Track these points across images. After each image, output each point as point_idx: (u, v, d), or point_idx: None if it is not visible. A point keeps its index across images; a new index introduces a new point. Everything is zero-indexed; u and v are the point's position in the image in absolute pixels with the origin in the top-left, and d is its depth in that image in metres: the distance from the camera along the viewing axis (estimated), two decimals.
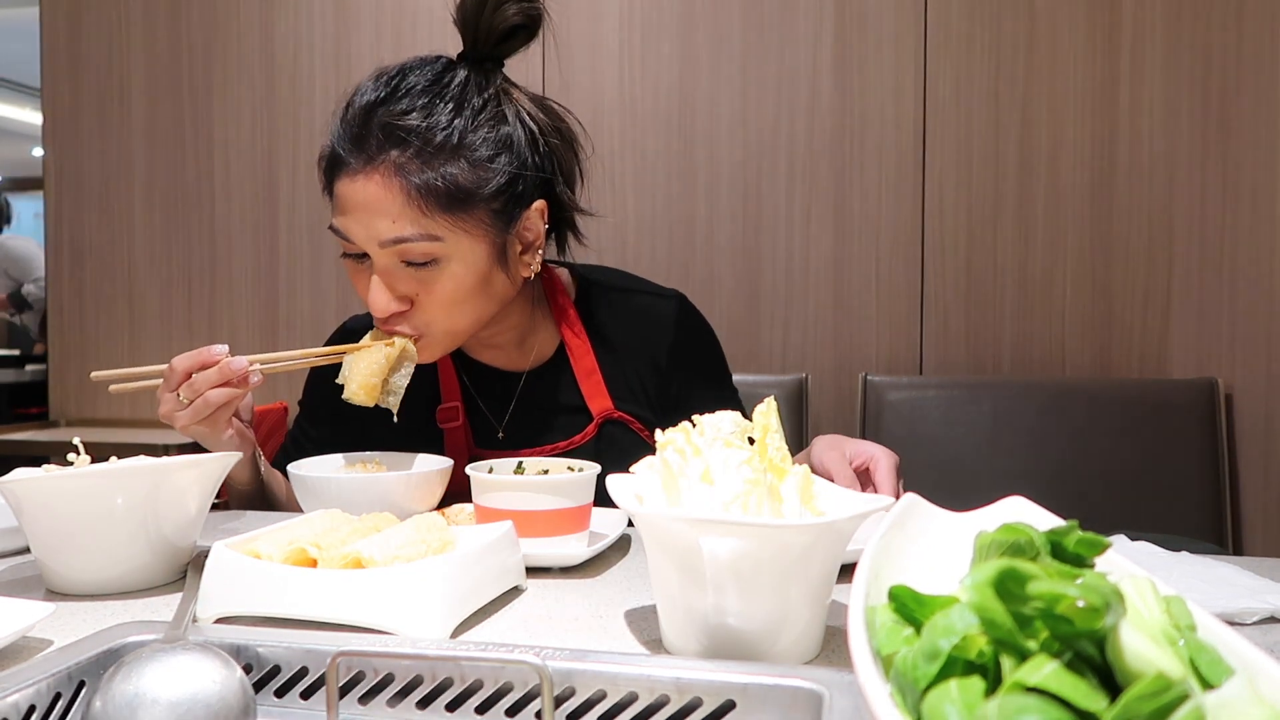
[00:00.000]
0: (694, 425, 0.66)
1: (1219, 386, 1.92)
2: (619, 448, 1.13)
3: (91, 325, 2.54)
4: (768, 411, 0.66)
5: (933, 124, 2.09)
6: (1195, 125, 1.98)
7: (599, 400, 1.14)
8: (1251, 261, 1.97)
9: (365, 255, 1.02)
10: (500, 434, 1.16)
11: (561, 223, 1.13)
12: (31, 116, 7.23)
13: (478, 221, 1.01)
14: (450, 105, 1.01)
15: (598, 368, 1.15)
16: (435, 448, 1.12)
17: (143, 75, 2.48)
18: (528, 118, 1.06)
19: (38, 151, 3.04)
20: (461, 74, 1.04)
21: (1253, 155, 1.96)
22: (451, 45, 1.13)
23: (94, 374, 1.04)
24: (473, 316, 1.05)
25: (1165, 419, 1.89)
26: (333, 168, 1.02)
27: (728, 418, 0.66)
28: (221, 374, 0.97)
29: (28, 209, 10.01)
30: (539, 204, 1.06)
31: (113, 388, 1.03)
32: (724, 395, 1.23)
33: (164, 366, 1.01)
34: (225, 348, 0.99)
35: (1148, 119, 2.00)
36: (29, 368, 4.36)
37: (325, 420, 1.23)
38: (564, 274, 1.22)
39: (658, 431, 0.66)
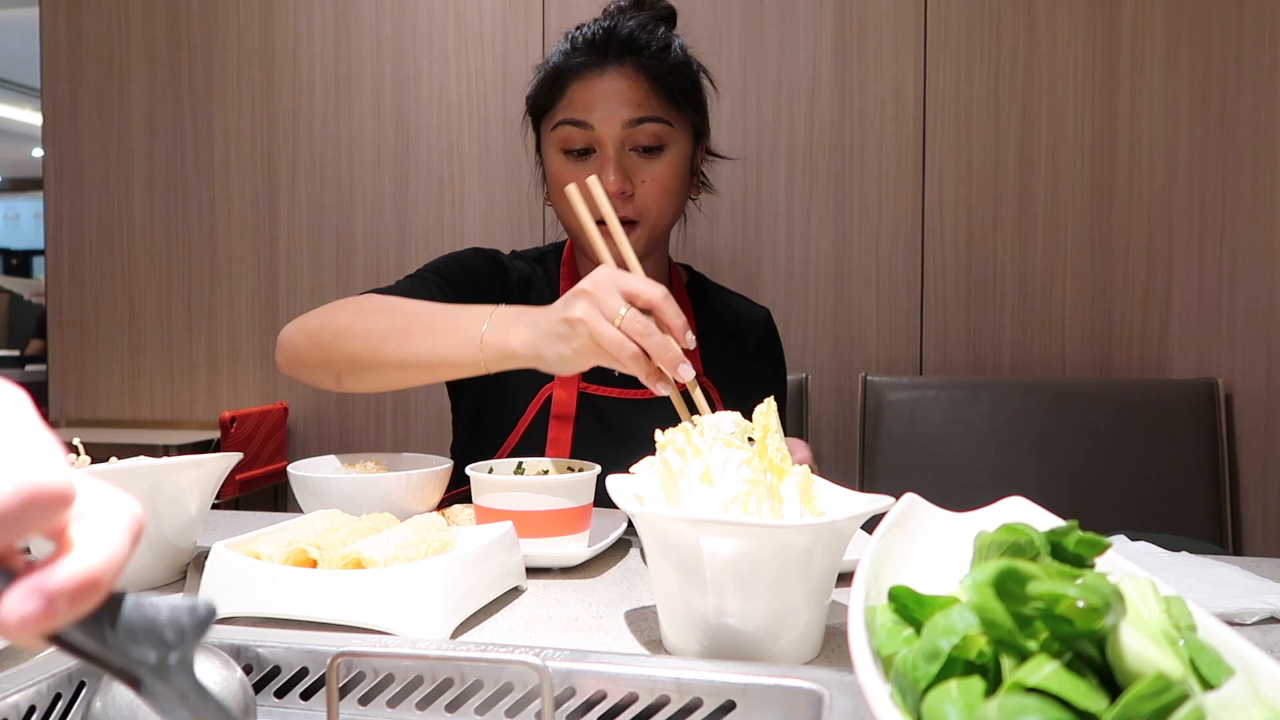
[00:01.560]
0: (694, 426, 0.66)
1: (1219, 386, 1.92)
2: (704, 402, 1.21)
3: (91, 325, 2.54)
4: (768, 412, 0.66)
5: (933, 124, 2.09)
6: (1195, 125, 1.98)
7: (694, 362, 1.27)
8: (1251, 261, 1.97)
9: (586, 152, 1.18)
10: (617, 373, 1.26)
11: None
12: (31, 117, 7.23)
13: (689, 121, 1.22)
14: (662, 33, 1.22)
15: (696, 341, 1.26)
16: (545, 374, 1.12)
17: (143, 75, 2.48)
18: (705, 70, 1.28)
19: (38, 152, 3.04)
20: (663, 26, 1.24)
21: (1253, 155, 1.96)
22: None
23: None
24: (670, 215, 1.22)
25: (1165, 419, 1.89)
26: (564, 78, 1.19)
27: (728, 418, 0.66)
28: (671, 358, 0.83)
29: (28, 209, 10.02)
30: (706, 139, 1.29)
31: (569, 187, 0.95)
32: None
33: (630, 262, 0.91)
34: (693, 341, 0.86)
35: (1148, 119, 2.00)
36: (29, 368, 4.36)
37: (457, 287, 1.21)
38: (680, 267, 1.41)
39: (658, 432, 0.66)
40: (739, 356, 1.35)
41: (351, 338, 1.00)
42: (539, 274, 1.31)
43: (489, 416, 1.27)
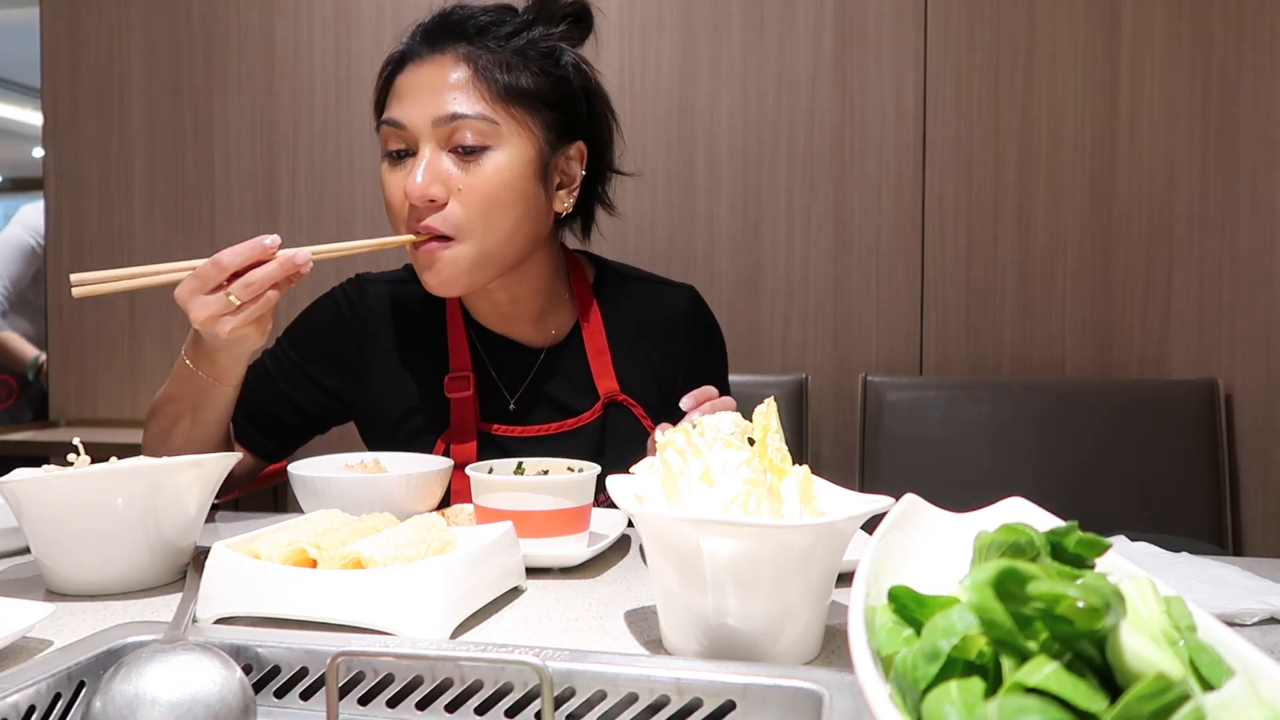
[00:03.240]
0: (694, 426, 0.66)
1: (1219, 386, 1.92)
2: (621, 433, 1.14)
3: (91, 325, 2.54)
4: (768, 412, 0.66)
5: (933, 124, 2.09)
6: (1195, 125, 1.98)
7: (606, 381, 1.15)
8: (1251, 261, 1.97)
9: (407, 154, 1.03)
10: (512, 405, 1.15)
11: (592, 192, 1.17)
12: (31, 116, 7.22)
13: (530, 122, 1.04)
14: (520, 21, 1.07)
15: (608, 350, 1.17)
16: (439, 416, 1.12)
17: (143, 75, 2.48)
18: (584, 68, 1.12)
19: (38, 152, 3.04)
20: (530, 15, 1.10)
21: (1253, 155, 1.96)
22: None
23: (73, 277, 0.98)
24: (506, 228, 1.04)
25: (1165, 419, 1.89)
26: (397, 68, 1.06)
27: (728, 418, 0.66)
28: (283, 269, 0.92)
29: (28, 209, 10.02)
30: (580, 145, 1.11)
31: (82, 290, 0.97)
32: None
33: (156, 268, 0.95)
34: (277, 238, 0.93)
35: (1148, 119, 2.00)
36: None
37: (315, 359, 1.18)
38: (584, 261, 1.25)
39: (657, 431, 0.66)
40: (664, 352, 1.19)
41: (150, 449, 1.08)
42: (409, 296, 1.18)
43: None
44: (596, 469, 0.90)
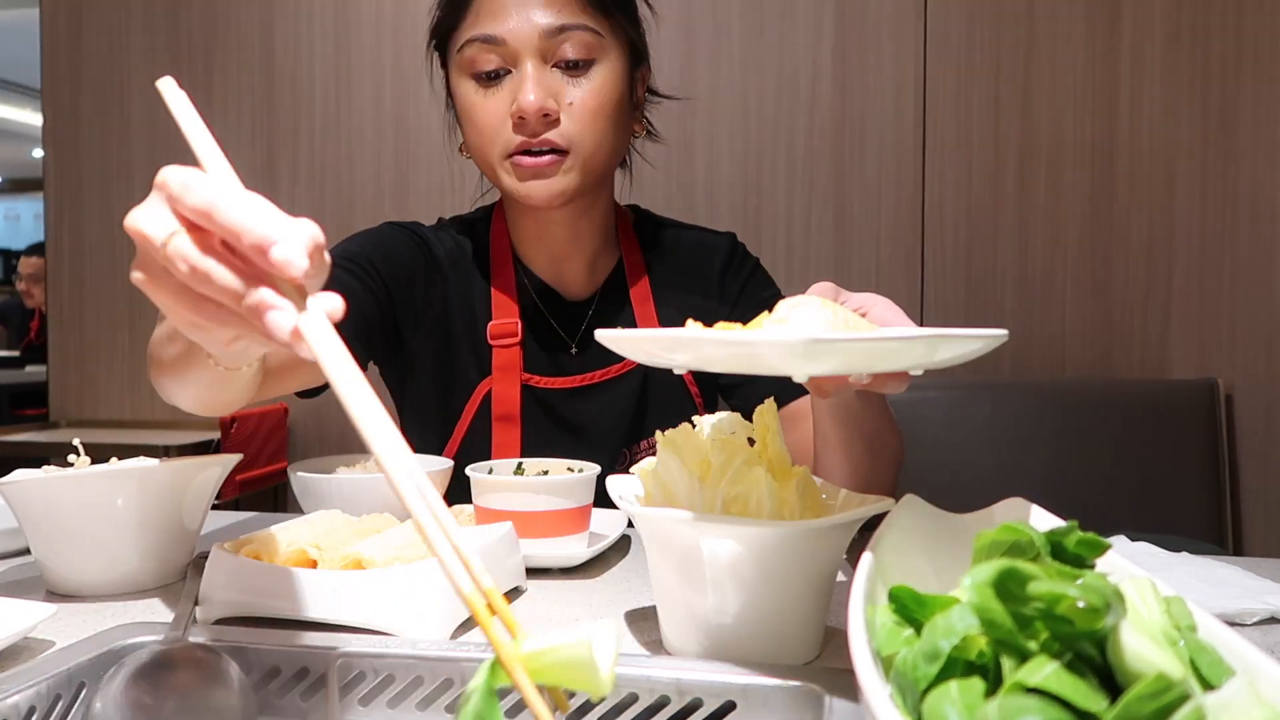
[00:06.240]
0: (694, 426, 0.66)
1: (1219, 386, 1.92)
2: (662, 384, 1.12)
3: (91, 325, 2.54)
4: (768, 412, 0.66)
5: (933, 124, 2.09)
6: (1195, 125, 1.98)
7: (648, 325, 1.12)
8: (1251, 261, 1.97)
9: (501, 73, 1.00)
10: (573, 349, 1.12)
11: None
12: (32, 117, 7.23)
13: (624, 36, 1.03)
14: None
15: (650, 294, 1.15)
16: (486, 361, 1.08)
17: (143, 76, 2.48)
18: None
19: (38, 152, 3.04)
20: None
21: (1253, 155, 1.96)
22: None
23: None
24: (609, 146, 1.03)
25: (1165, 419, 1.89)
26: None
27: (728, 418, 0.66)
28: (229, 292, 0.47)
29: (28, 209, 10.03)
30: (646, 69, 1.10)
31: None
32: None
33: None
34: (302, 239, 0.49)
35: (1148, 119, 2.00)
36: (29, 368, 4.36)
37: (389, 264, 1.08)
38: (623, 208, 1.23)
39: (658, 432, 0.66)
40: (705, 292, 1.17)
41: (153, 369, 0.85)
42: (467, 245, 1.15)
43: (427, 417, 1.13)
44: (596, 469, 0.90)
